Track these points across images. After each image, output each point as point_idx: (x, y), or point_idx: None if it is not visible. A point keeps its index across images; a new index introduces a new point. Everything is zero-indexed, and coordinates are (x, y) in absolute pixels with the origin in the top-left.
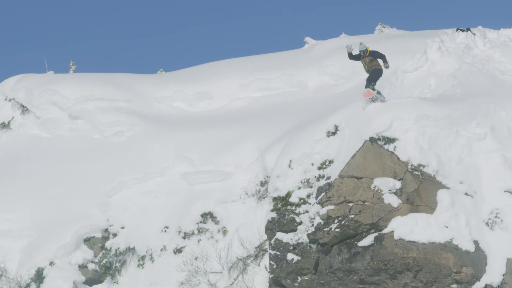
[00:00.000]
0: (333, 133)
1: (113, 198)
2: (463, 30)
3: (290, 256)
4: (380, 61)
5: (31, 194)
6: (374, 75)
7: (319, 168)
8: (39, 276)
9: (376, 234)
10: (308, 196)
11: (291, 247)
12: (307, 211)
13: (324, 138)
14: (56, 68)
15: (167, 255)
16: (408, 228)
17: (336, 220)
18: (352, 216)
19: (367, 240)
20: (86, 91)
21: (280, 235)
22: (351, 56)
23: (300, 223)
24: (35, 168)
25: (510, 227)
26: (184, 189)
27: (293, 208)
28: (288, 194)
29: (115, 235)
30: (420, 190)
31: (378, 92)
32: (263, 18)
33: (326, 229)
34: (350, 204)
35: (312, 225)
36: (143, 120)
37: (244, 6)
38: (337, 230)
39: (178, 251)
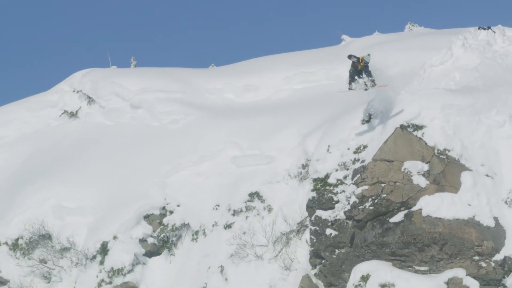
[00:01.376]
0: (367, 121)
1: (170, 179)
2: (484, 29)
3: (328, 231)
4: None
5: (97, 176)
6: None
7: (355, 152)
8: (104, 249)
9: (406, 211)
10: (345, 177)
11: (330, 223)
12: (343, 191)
13: (359, 125)
14: (118, 63)
15: (218, 230)
16: (435, 206)
17: (370, 199)
18: (384, 195)
19: (398, 217)
20: (145, 83)
21: (319, 212)
22: (352, 58)
23: (338, 202)
24: (100, 153)
25: None
26: (233, 171)
27: (331, 188)
28: (327, 176)
29: (171, 212)
30: (446, 172)
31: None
32: (305, 17)
33: (361, 207)
34: (383, 185)
35: (348, 203)
36: (197, 109)
37: (288, 7)
38: (371, 208)
39: (228, 226)
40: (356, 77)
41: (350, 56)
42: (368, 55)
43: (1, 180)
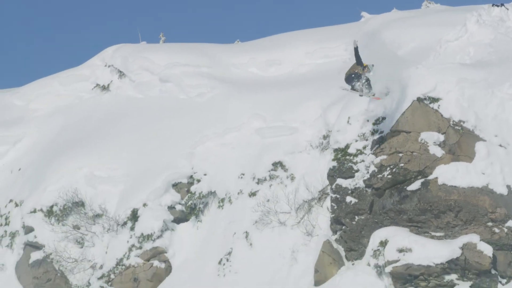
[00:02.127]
0: (386, 94)
1: (197, 149)
2: (497, 6)
3: (348, 198)
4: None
5: (127, 147)
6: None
7: (374, 124)
8: (134, 216)
9: (422, 180)
10: (364, 147)
11: (350, 191)
12: (363, 160)
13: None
14: (148, 39)
15: (243, 198)
16: (450, 174)
17: (388, 168)
18: (402, 164)
19: (415, 185)
20: (173, 58)
21: (340, 181)
22: (357, 52)
23: (357, 171)
24: (130, 125)
25: None
26: (258, 142)
27: (351, 158)
28: (347, 146)
29: (198, 181)
30: (461, 142)
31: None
32: None
33: (380, 175)
34: (400, 155)
35: (368, 172)
36: (222, 83)
37: None
38: (389, 176)
39: (252, 194)
40: (358, 80)
41: (357, 47)
42: (373, 65)
43: (36, 151)
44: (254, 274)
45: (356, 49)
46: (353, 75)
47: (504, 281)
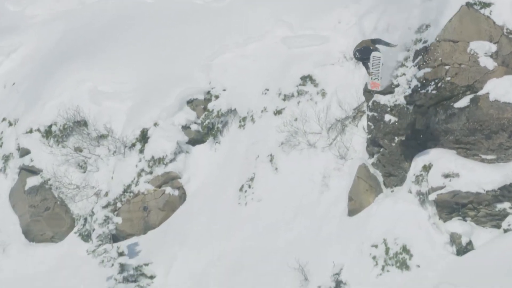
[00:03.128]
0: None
1: (214, 61)
2: None
3: (387, 117)
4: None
5: (135, 58)
6: None
7: (416, 32)
8: (143, 136)
9: (471, 96)
10: (406, 59)
11: (389, 109)
12: (404, 74)
13: (420, 3)
14: None
15: (267, 117)
16: (503, 89)
17: (432, 83)
18: (448, 78)
19: (463, 102)
20: None
21: (377, 97)
22: (384, 44)
23: (398, 86)
24: (139, 33)
25: None
26: (283, 53)
27: (391, 71)
28: None
29: (217, 97)
30: None
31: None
32: None
33: (423, 91)
34: (447, 67)
35: (409, 87)
36: None
37: None
38: (434, 92)
39: (278, 112)
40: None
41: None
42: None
43: (32, 62)
44: (280, 201)
45: (388, 44)
46: (364, 48)
47: None
